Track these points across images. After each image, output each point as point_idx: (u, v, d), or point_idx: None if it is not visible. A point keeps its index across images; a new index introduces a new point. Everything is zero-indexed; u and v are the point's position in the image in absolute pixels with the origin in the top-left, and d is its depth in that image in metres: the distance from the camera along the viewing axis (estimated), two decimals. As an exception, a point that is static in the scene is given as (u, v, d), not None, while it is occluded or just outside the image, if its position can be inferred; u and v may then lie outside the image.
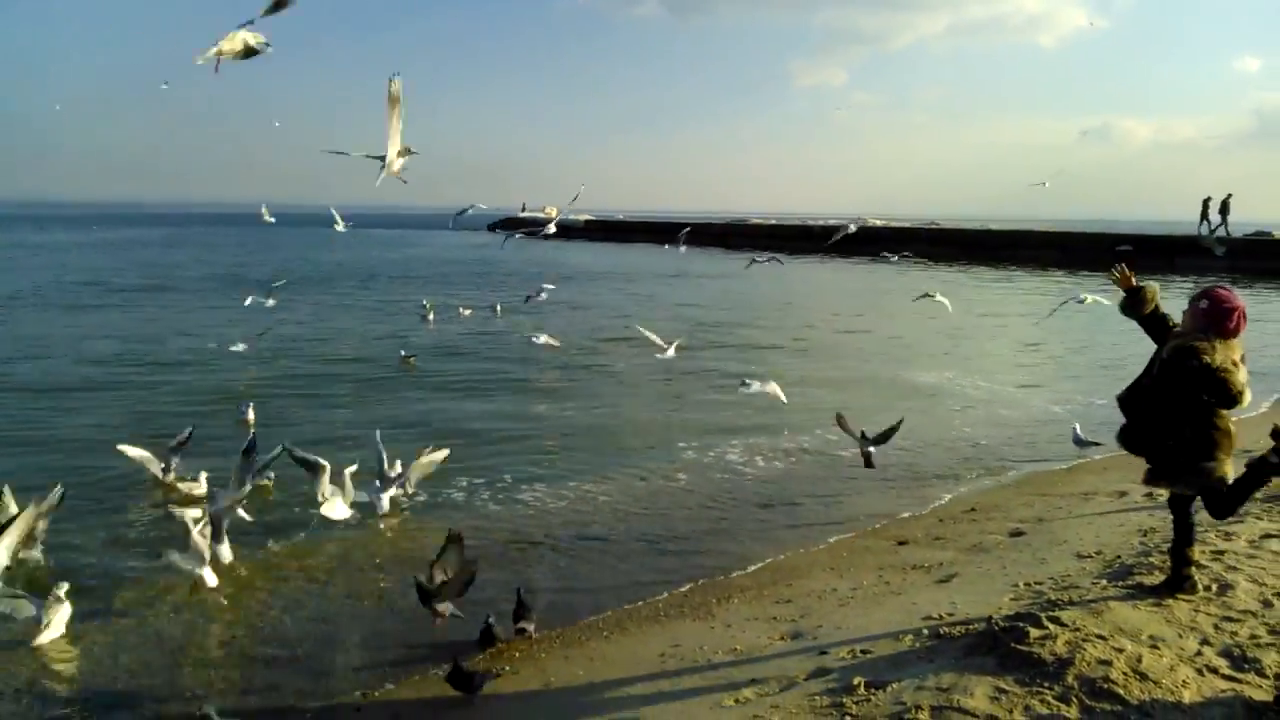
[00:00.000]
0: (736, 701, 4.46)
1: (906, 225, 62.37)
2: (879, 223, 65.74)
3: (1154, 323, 4.95)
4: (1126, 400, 4.82)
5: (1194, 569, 4.89)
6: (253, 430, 9.91)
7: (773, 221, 75.06)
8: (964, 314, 26.11)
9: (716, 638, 5.63)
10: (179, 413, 11.84)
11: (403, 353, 17.17)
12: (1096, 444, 10.02)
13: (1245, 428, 5.84)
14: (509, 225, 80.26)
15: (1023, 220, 72.71)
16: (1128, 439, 4.87)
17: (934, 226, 59.82)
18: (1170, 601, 4.84)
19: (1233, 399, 4.49)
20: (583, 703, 4.84)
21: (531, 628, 5.93)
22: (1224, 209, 40.71)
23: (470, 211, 17.69)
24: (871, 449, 8.36)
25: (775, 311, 26.85)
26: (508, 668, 5.54)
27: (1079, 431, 10.31)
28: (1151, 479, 4.88)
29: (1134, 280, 5.06)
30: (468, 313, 21.87)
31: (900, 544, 7.50)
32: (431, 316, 22.56)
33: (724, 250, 58.40)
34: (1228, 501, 4.73)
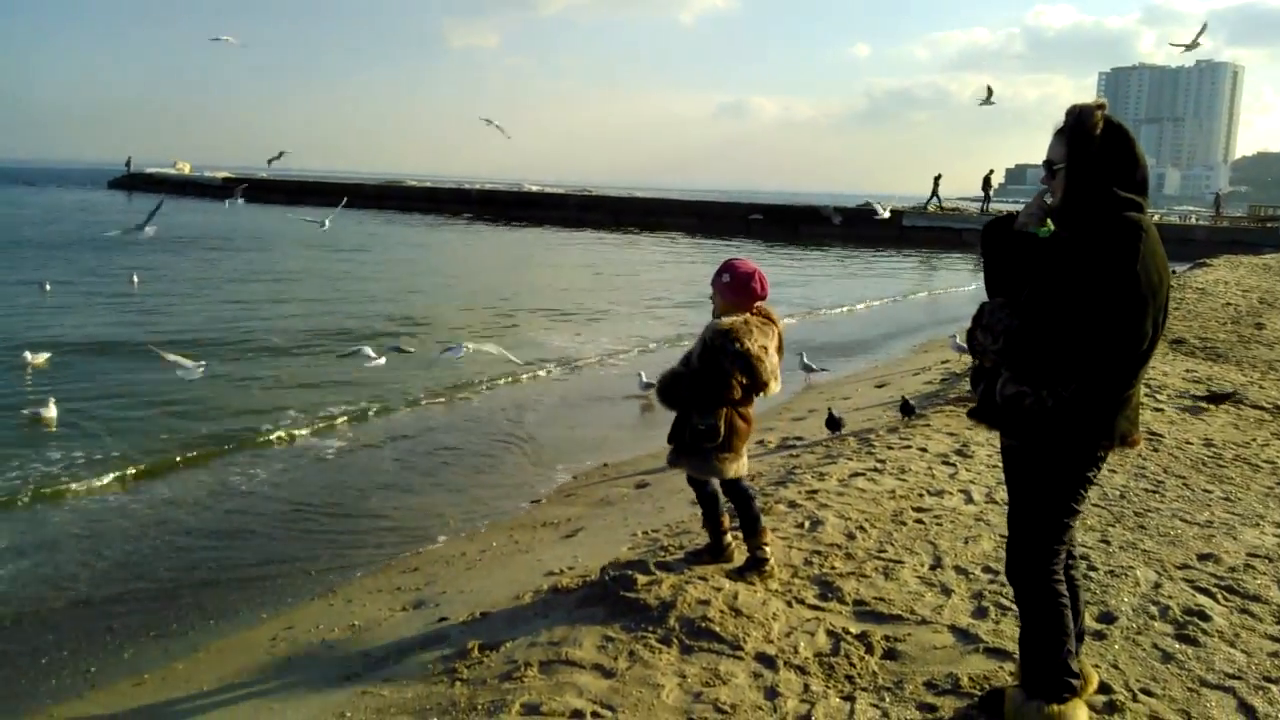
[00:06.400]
0: (347, 679, 4.22)
1: (561, 191, 63.86)
2: (535, 188, 66.91)
3: None
4: (668, 389, 4.70)
5: (730, 536, 4.91)
6: None
7: (429, 184, 73.75)
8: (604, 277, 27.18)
9: (335, 615, 5.33)
10: None
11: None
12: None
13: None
14: (148, 184, 73.12)
15: (667, 189, 76.79)
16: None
17: (586, 193, 61.69)
18: (769, 540, 5.18)
19: (761, 385, 4.56)
20: (176, 703, 4.38)
21: None
22: (985, 184, 43.33)
23: None
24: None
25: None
26: (94, 669, 4.95)
27: (644, 377, 11.53)
28: (674, 461, 4.82)
29: None
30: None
31: (533, 502, 7.56)
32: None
33: (379, 211, 56.51)
34: (738, 507, 4.80)
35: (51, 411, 9.72)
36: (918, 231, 43.83)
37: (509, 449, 9.66)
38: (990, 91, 26.42)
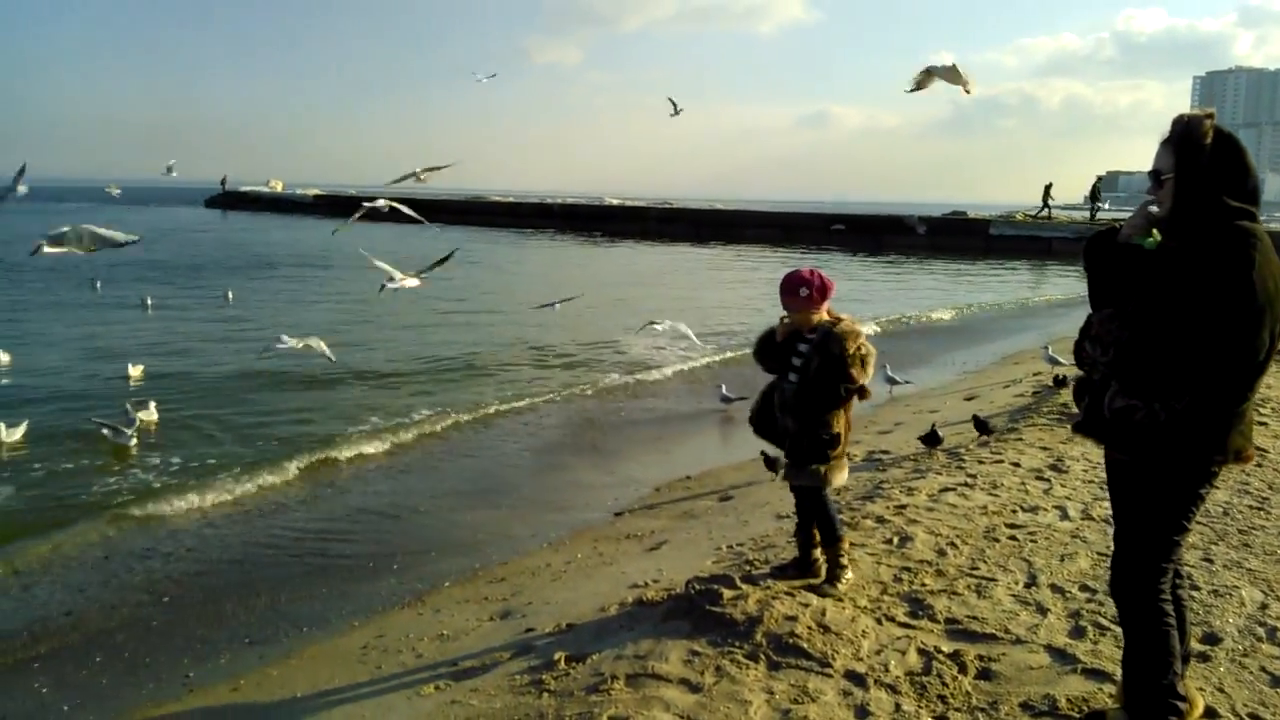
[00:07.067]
0: (436, 689, 4.28)
1: (640, 204, 64.18)
2: (615, 201, 67.36)
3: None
4: (797, 405, 4.67)
5: (818, 551, 4.83)
6: None
7: (512, 199, 74.93)
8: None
9: (424, 624, 5.41)
10: None
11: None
12: (743, 398, 10.90)
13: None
14: (241, 202, 76.46)
15: (748, 201, 76.58)
16: (760, 426, 4.92)
17: (667, 205, 61.88)
18: (855, 555, 5.10)
19: (860, 390, 4.62)
20: (271, 708, 4.49)
21: None
22: (1093, 193, 43.53)
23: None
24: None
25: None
26: (192, 673, 5.11)
27: (724, 389, 11.46)
28: (795, 476, 4.80)
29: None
30: None
31: (616, 514, 7.58)
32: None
33: (464, 228, 57.47)
34: (819, 517, 4.77)
35: (153, 414, 10.12)
36: (1005, 240, 42.87)
37: (589, 460, 9.71)
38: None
